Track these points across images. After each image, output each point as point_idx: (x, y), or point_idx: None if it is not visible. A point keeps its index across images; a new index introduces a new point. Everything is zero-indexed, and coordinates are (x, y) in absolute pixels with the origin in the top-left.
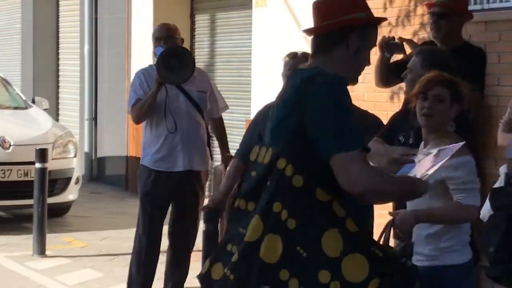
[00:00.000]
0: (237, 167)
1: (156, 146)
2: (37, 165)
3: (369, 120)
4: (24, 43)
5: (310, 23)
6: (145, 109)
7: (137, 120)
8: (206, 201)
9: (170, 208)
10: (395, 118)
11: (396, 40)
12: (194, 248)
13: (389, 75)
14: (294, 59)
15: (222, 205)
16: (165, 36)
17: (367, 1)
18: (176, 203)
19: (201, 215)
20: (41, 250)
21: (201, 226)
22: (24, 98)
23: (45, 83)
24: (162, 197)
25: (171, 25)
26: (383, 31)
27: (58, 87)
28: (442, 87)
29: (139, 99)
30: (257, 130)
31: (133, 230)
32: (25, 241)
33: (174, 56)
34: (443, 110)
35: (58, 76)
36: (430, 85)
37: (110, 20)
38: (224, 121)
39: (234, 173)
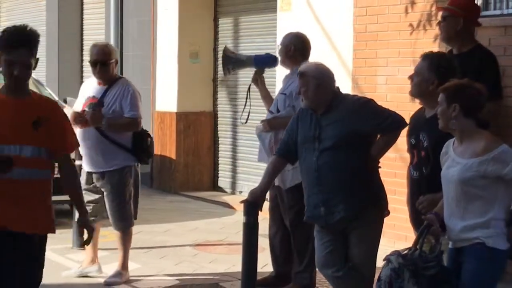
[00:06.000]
0: (276, 163)
1: None
2: (76, 162)
3: None
4: (49, 45)
5: (333, 27)
6: None
7: None
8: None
9: None
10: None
11: None
12: (234, 241)
13: None
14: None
15: (261, 199)
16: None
17: (388, 6)
18: None
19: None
20: (80, 243)
21: (242, 219)
22: (56, 98)
23: (70, 85)
24: None
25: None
26: (404, 35)
27: None
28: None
29: None
30: (294, 131)
31: (163, 225)
32: (63, 236)
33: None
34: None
35: (82, 77)
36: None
37: (135, 22)
38: (249, 122)
39: (273, 169)
